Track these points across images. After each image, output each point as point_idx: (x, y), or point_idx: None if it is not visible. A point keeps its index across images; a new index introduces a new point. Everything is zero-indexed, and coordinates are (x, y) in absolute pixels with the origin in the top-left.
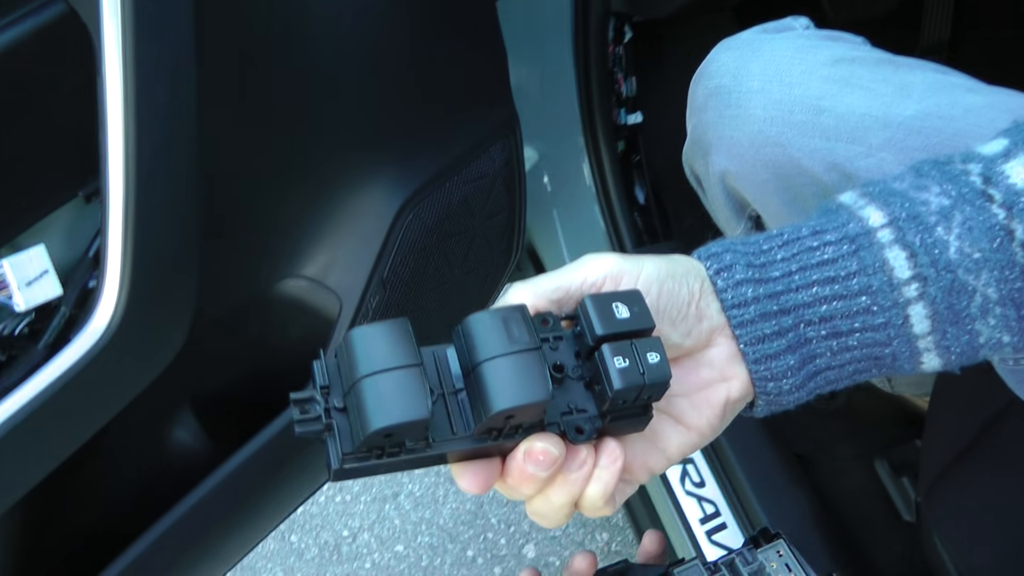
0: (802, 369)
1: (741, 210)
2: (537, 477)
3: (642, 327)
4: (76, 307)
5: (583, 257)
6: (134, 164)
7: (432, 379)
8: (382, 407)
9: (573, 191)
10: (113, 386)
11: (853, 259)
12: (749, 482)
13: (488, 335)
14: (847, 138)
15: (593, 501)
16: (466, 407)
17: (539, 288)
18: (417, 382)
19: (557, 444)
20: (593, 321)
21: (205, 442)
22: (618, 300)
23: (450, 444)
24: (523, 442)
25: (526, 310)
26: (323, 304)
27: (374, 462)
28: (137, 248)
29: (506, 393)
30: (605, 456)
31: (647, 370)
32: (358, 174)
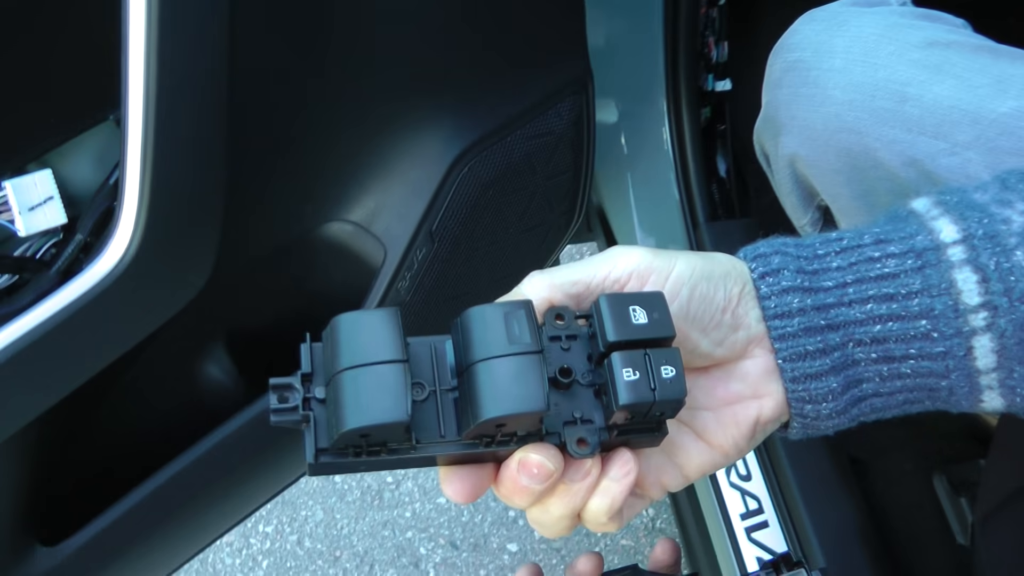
0: (845, 393)
1: (809, 199)
2: (532, 490)
3: (660, 336)
4: (93, 234)
5: (610, 249)
6: (155, 89)
7: (425, 374)
8: (359, 406)
9: (650, 155)
10: (128, 318)
11: (917, 276)
12: (797, 482)
13: (486, 332)
14: (931, 132)
15: (596, 516)
16: (456, 409)
17: (556, 279)
18: (398, 381)
19: (554, 457)
20: (606, 324)
21: (236, 380)
22: (637, 303)
23: (437, 448)
24: (518, 452)
25: (531, 307)
26: (367, 251)
27: (352, 460)
28: (156, 178)
29: (498, 400)
30: (616, 468)
31: (659, 386)
32: (414, 118)
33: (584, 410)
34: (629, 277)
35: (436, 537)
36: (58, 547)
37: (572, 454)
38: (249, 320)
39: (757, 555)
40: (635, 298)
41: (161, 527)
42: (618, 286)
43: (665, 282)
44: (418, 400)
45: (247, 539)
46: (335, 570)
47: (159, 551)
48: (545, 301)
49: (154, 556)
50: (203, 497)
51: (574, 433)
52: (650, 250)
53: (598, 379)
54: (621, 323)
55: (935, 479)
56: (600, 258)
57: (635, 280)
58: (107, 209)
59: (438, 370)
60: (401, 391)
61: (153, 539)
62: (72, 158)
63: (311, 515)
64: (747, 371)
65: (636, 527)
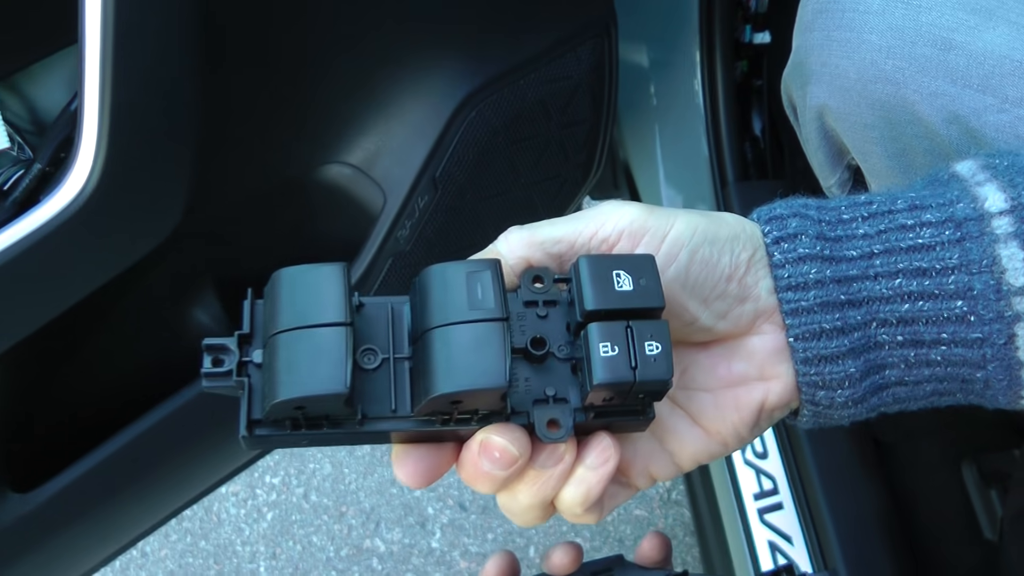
0: (865, 380)
1: (838, 157)
2: (495, 476)
3: (646, 305)
4: (52, 164)
5: (601, 204)
6: (113, 5)
7: (379, 339)
8: (293, 374)
9: (680, 108)
10: (91, 256)
11: (955, 249)
12: (816, 463)
13: (445, 295)
14: (978, 85)
15: (570, 506)
16: (412, 381)
17: (537, 236)
18: (338, 347)
19: (519, 440)
20: (584, 290)
21: (227, 327)
22: (622, 266)
23: (387, 423)
24: (479, 433)
25: (498, 267)
26: (366, 196)
27: (291, 434)
28: (117, 104)
29: (452, 373)
30: (594, 454)
31: (641, 364)
32: (418, 55)
33: (558, 388)
34: (619, 236)
35: (445, 497)
36: (30, 494)
37: (541, 438)
38: (242, 266)
39: (769, 539)
40: (620, 261)
41: (141, 478)
42: (606, 246)
43: (661, 244)
44: (368, 369)
45: (253, 489)
46: (340, 526)
47: (138, 503)
48: (522, 261)
49: (132, 509)
50: (186, 449)
51: (545, 414)
52: (646, 206)
53: (577, 352)
54: (602, 289)
55: (964, 468)
56: (588, 214)
57: (626, 240)
58: (67, 137)
59: (394, 335)
60: (340, 358)
61: (131, 491)
62: (40, 81)
63: (319, 468)
64: (753, 349)
65: (651, 497)
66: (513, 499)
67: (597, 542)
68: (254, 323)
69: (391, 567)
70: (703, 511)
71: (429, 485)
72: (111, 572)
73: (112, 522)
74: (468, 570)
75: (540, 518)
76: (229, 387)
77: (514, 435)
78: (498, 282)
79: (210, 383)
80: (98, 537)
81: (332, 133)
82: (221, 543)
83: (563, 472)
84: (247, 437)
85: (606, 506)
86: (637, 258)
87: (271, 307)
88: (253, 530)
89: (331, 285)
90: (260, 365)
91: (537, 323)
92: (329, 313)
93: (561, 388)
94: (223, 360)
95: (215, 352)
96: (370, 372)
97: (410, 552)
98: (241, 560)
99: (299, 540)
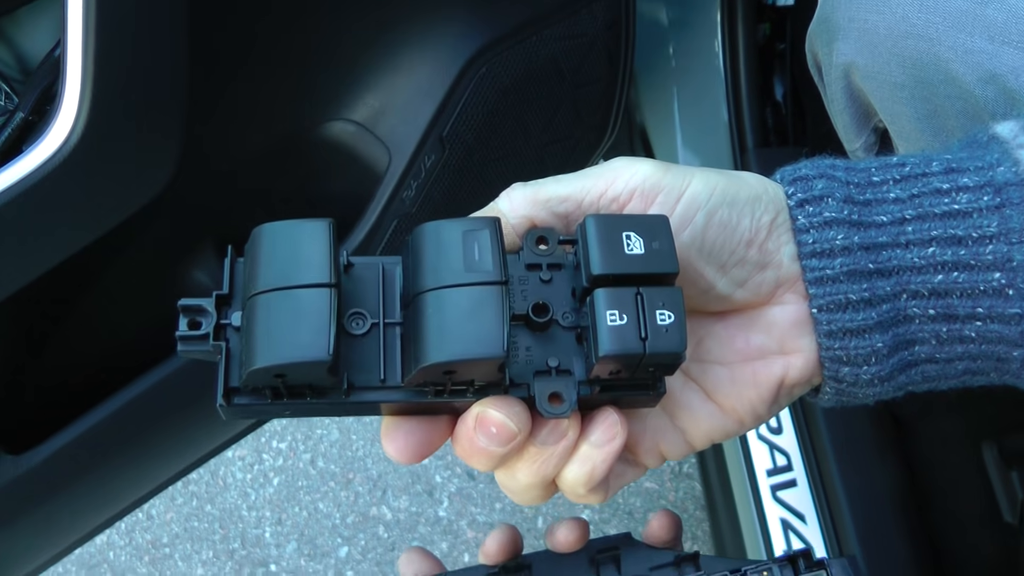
0: (893, 356)
1: (865, 118)
2: (492, 452)
3: (659, 271)
4: (34, 113)
5: (611, 160)
6: None
7: (369, 302)
8: (271, 339)
9: (699, 70)
10: (77, 211)
11: (994, 217)
12: (832, 440)
13: (439, 255)
14: (1018, 41)
15: (573, 486)
16: (402, 350)
17: (542, 194)
18: (321, 310)
19: (518, 415)
20: (591, 252)
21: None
22: (633, 227)
23: (375, 394)
24: (475, 405)
25: (498, 226)
26: (371, 155)
27: (272, 404)
28: (101, 50)
29: (445, 341)
30: (599, 431)
31: (651, 334)
32: (425, 10)
33: (562, 358)
34: (631, 195)
35: (453, 466)
36: (23, 456)
37: (542, 412)
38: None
39: (782, 516)
40: (631, 221)
41: (137, 442)
42: (616, 206)
43: (676, 204)
44: (356, 334)
45: (259, 454)
46: (347, 492)
47: (134, 467)
48: (526, 220)
49: (129, 472)
50: (183, 413)
51: (547, 386)
52: (660, 163)
53: (582, 321)
54: (610, 252)
55: (984, 448)
56: (597, 170)
57: (638, 199)
58: (51, 85)
59: (385, 298)
60: (323, 323)
61: (128, 454)
62: (26, 26)
63: (327, 434)
64: (773, 320)
65: (662, 469)
66: (512, 477)
67: (606, 514)
68: (234, 283)
69: (397, 535)
70: (714, 487)
71: (421, 461)
72: (116, 534)
73: (109, 485)
74: (475, 540)
75: (541, 497)
76: (206, 352)
77: (513, 409)
78: (497, 242)
79: (185, 347)
80: (95, 500)
81: (336, 89)
82: (227, 507)
83: (566, 449)
84: (224, 406)
85: (612, 486)
86: (649, 219)
87: (251, 266)
88: (259, 495)
89: (315, 243)
90: (239, 328)
91: (540, 288)
92: (312, 273)
93: (565, 359)
94: (200, 323)
95: (192, 314)
96: (358, 338)
97: (417, 520)
98: (247, 525)
99: (305, 506)
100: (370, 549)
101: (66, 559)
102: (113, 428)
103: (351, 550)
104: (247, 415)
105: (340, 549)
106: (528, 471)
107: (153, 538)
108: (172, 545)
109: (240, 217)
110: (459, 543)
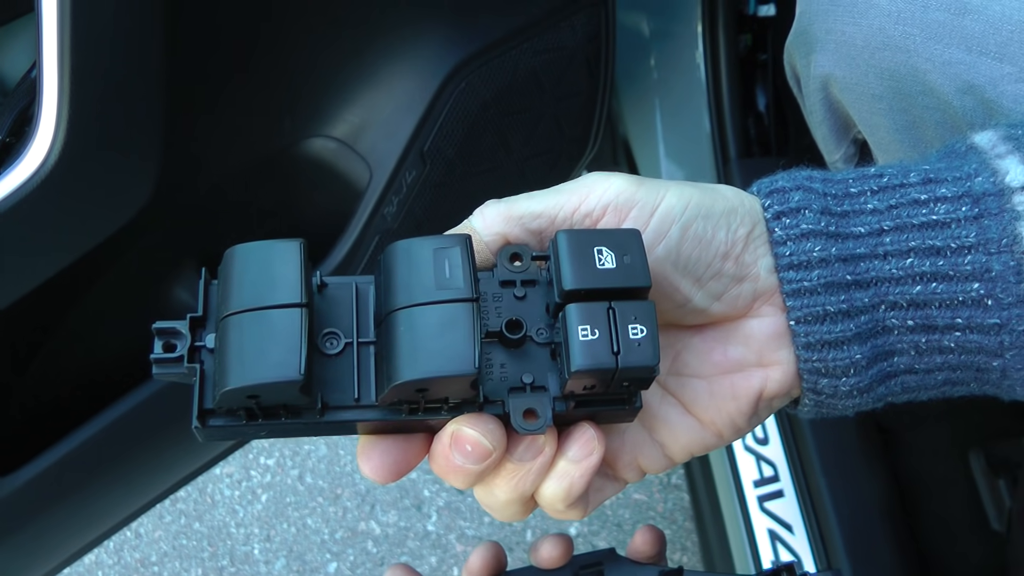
0: (872, 367)
1: (844, 130)
2: (468, 470)
3: (630, 285)
4: (12, 134)
5: (585, 176)
6: None
7: (343, 322)
8: (244, 360)
9: (681, 81)
10: (56, 232)
11: (972, 227)
12: (819, 450)
13: (410, 273)
14: (995, 52)
15: (552, 502)
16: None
17: (515, 211)
18: (293, 330)
19: (492, 432)
20: (563, 268)
21: None
22: (605, 242)
23: (350, 413)
24: (450, 423)
25: (468, 244)
26: (352, 171)
27: (248, 424)
28: (77, 72)
29: (417, 359)
30: (576, 447)
31: (624, 349)
32: (404, 24)
33: (536, 374)
34: (604, 211)
35: (441, 480)
36: (9, 477)
37: (517, 429)
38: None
39: (769, 527)
40: (603, 236)
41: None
42: (589, 221)
43: (650, 218)
44: (330, 354)
45: (247, 471)
46: (335, 508)
47: (121, 486)
48: (499, 237)
49: (116, 491)
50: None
51: (521, 403)
52: (634, 178)
53: (556, 337)
54: (582, 267)
55: (971, 456)
56: (570, 186)
57: (612, 214)
58: (27, 106)
59: (359, 318)
60: (295, 343)
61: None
62: (4, 46)
63: (314, 450)
64: (751, 332)
65: (651, 481)
66: (490, 494)
67: (595, 526)
68: (208, 305)
69: (386, 550)
70: (702, 498)
71: (398, 479)
72: (105, 553)
73: (96, 504)
74: (464, 553)
75: (521, 513)
76: (180, 374)
77: (487, 427)
78: (468, 259)
79: (160, 370)
80: (82, 519)
81: (316, 106)
82: (215, 525)
83: (543, 465)
84: (200, 428)
85: (592, 501)
86: (621, 233)
87: (224, 287)
88: (247, 512)
89: (286, 263)
90: (213, 350)
91: (514, 304)
92: (283, 294)
93: (540, 375)
94: (175, 345)
95: (166, 336)
96: (332, 358)
97: (406, 535)
98: (235, 542)
99: (294, 522)
100: (359, 564)
101: None
102: (99, 447)
103: (340, 565)
104: (223, 436)
105: (329, 564)
106: (506, 488)
107: (142, 556)
108: (161, 563)
109: (222, 234)
110: (448, 557)
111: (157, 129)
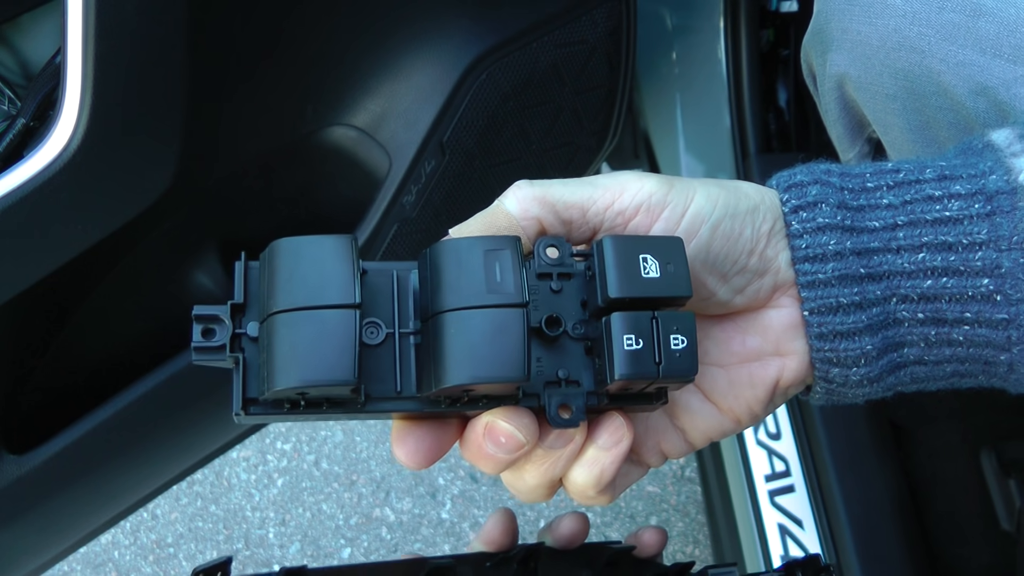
0: (882, 358)
1: (858, 129)
2: (499, 459)
3: (673, 295)
4: (36, 118)
5: (618, 173)
6: None
7: (383, 311)
8: (295, 359)
9: (702, 76)
10: (78, 214)
11: (984, 224)
12: (830, 446)
13: (460, 275)
14: (1009, 54)
15: (582, 488)
16: (417, 359)
17: (549, 195)
18: (347, 332)
19: (527, 427)
20: (609, 275)
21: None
22: (650, 250)
23: (391, 404)
24: (484, 415)
25: (518, 246)
26: (372, 160)
27: (287, 412)
28: (100, 57)
29: (468, 362)
30: (606, 434)
31: (666, 359)
32: (426, 15)
33: (571, 369)
34: (637, 210)
35: (456, 468)
36: (26, 456)
37: (552, 423)
38: (248, 228)
39: (779, 521)
40: (648, 244)
41: (139, 442)
42: (622, 219)
43: (681, 219)
44: (372, 344)
45: (264, 455)
46: (350, 494)
47: (137, 467)
48: (534, 221)
49: (132, 472)
50: (185, 413)
51: (557, 397)
52: (665, 179)
53: (592, 332)
54: (628, 276)
55: (983, 455)
56: (604, 181)
57: (644, 215)
58: (52, 90)
59: (399, 307)
60: (349, 345)
61: (130, 454)
62: (29, 32)
63: (331, 436)
64: (769, 323)
65: (664, 474)
66: (519, 478)
67: (608, 517)
68: (248, 290)
69: (400, 537)
70: (713, 491)
71: (430, 466)
72: (121, 534)
73: (111, 485)
74: None
75: (546, 496)
76: (220, 361)
77: (522, 421)
78: (518, 262)
79: (201, 357)
80: (98, 499)
81: (337, 94)
82: (231, 508)
83: (572, 453)
84: (241, 415)
85: (619, 486)
86: (665, 241)
87: (270, 281)
88: (263, 496)
89: (339, 260)
90: (255, 339)
91: (551, 299)
92: (337, 293)
93: (574, 370)
94: (214, 331)
95: (206, 322)
96: (373, 348)
97: (420, 522)
98: (250, 526)
99: (309, 507)
100: (373, 550)
101: (71, 558)
102: (116, 428)
103: (354, 551)
104: (261, 422)
105: (343, 550)
106: (535, 473)
107: (158, 538)
108: (176, 545)
109: (242, 220)
110: (462, 545)
111: (179, 115)
